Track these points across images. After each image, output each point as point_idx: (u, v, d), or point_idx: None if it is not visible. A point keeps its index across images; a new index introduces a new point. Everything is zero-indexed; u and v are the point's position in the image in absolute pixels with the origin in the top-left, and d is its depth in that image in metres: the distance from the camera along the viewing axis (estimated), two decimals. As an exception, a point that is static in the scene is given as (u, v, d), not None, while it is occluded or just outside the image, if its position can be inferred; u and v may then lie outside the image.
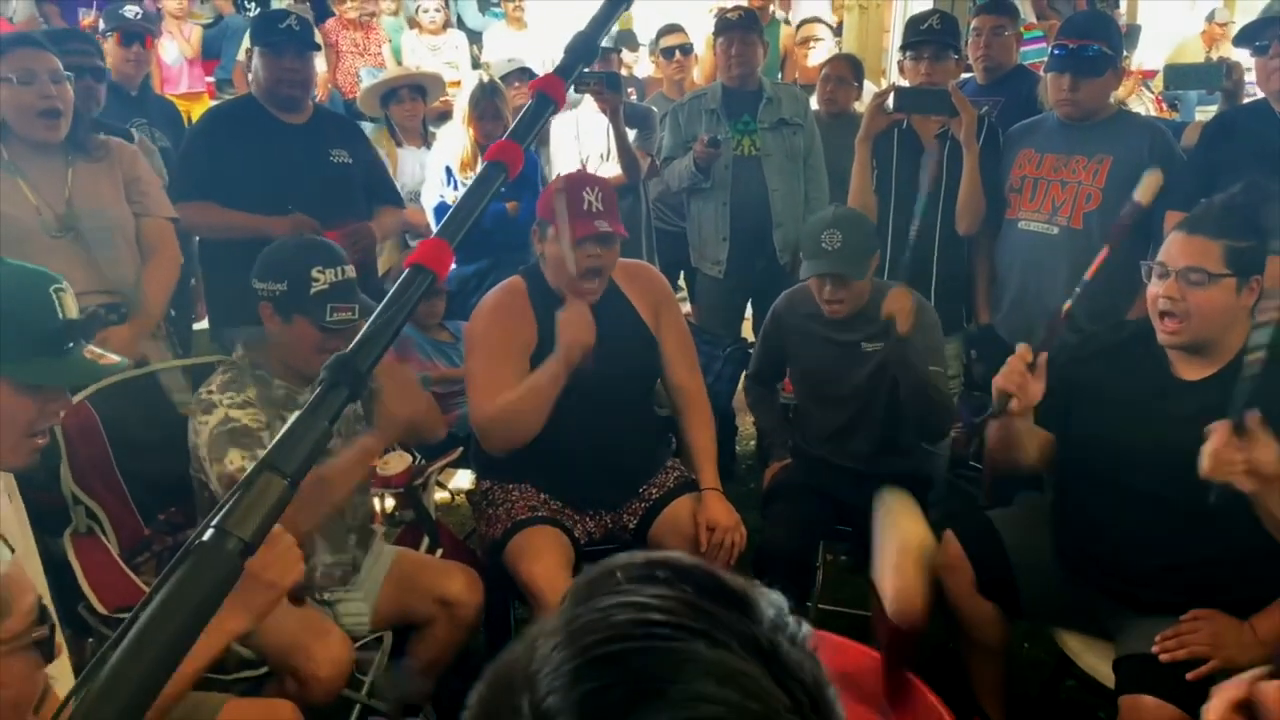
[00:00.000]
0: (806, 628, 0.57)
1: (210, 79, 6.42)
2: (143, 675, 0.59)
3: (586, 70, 3.74)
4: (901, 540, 2.23)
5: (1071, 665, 2.20)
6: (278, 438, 0.70)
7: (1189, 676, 1.84)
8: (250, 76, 3.16)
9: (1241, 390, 1.69)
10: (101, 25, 3.81)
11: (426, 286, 0.79)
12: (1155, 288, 1.96)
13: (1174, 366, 2.02)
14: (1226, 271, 1.88)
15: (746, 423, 4.02)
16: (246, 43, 4.30)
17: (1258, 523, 1.78)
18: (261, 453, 0.68)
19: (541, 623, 0.57)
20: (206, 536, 0.65)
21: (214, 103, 5.77)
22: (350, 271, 2.09)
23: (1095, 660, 2.12)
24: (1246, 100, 3.21)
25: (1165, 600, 1.97)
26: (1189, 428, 1.94)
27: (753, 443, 4.02)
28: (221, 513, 0.66)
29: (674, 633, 0.53)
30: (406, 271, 0.79)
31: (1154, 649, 1.91)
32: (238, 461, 1.96)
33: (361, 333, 0.75)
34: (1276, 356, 1.89)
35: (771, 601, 0.57)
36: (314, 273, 2.02)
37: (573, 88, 3.65)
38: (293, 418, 0.71)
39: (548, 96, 0.91)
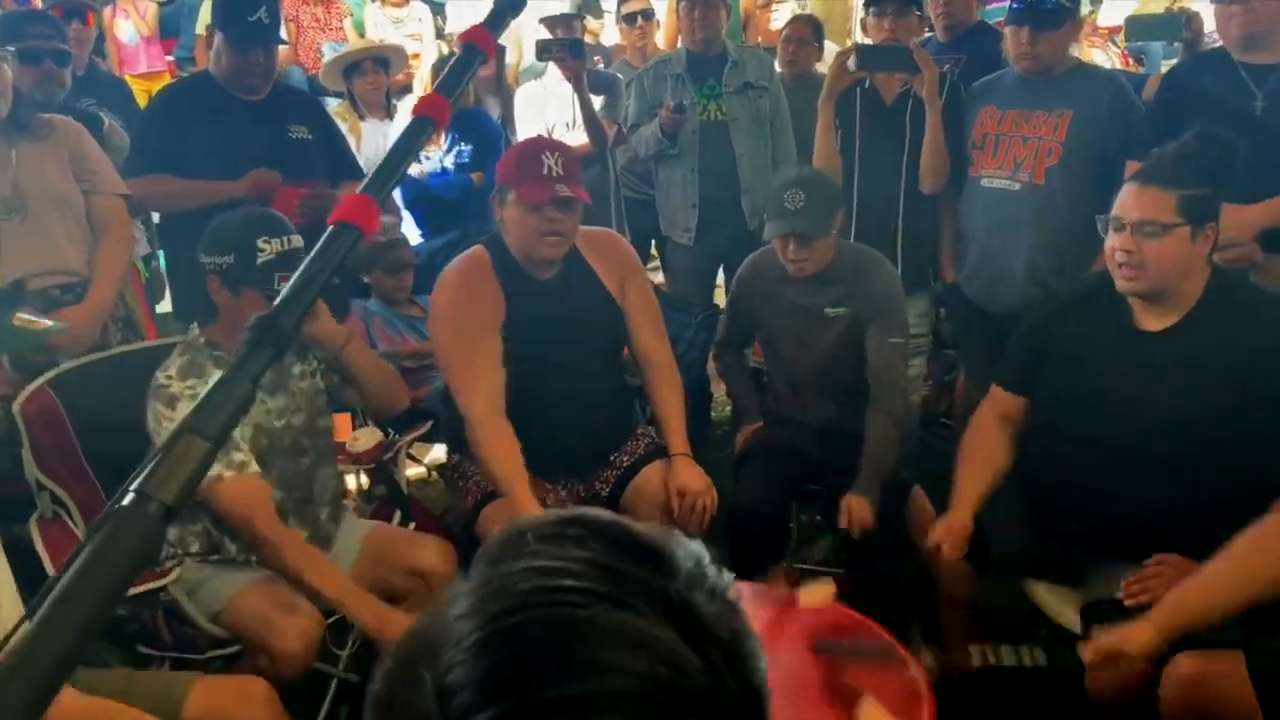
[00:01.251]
0: (727, 577, 0.56)
1: (170, 57, 6.31)
2: (57, 646, 0.57)
3: (550, 38, 3.73)
4: None
5: (1041, 614, 2.22)
6: (200, 398, 0.69)
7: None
8: (211, 55, 3.09)
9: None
10: (40, 3, 3.73)
11: (353, 243, 0.77)
12: (1112, 240, 1.97)
13: (1136, 318, 2.03)
14: (1180, 221, 1.88)
15: (721, 389, 4.02)
16: (206, 18, 4.22)
17: (1218, 471, 1.80)
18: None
19: (455, 586, 0.55)
20: (126, 501, 0.64)
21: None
22: (297, 241, 2.07)
23: (1063, 608, 2.14)
24: (1205, 49, 3.21)
25: (1130, 547, 1.99)
26: (1151, 377, 1.96)
27: (727, 409, 4.01)
28: (141, 476, 0.65)
29: (580, 599, 0.52)
30: (332, 228, 0.78)
31: (1119, 594, 1.93)
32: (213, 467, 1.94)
33: (285, 290, 0.74)
34: (1227, 305, 1.92)
35: (689, 553, 0.56)
36: (260, 243, 2.00)
37: (537, 56, 3.65)
38: (214, 378, 0.70)
39: (475, 48, 0.89)
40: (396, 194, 3.58)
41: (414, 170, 3.68)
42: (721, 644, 0.53)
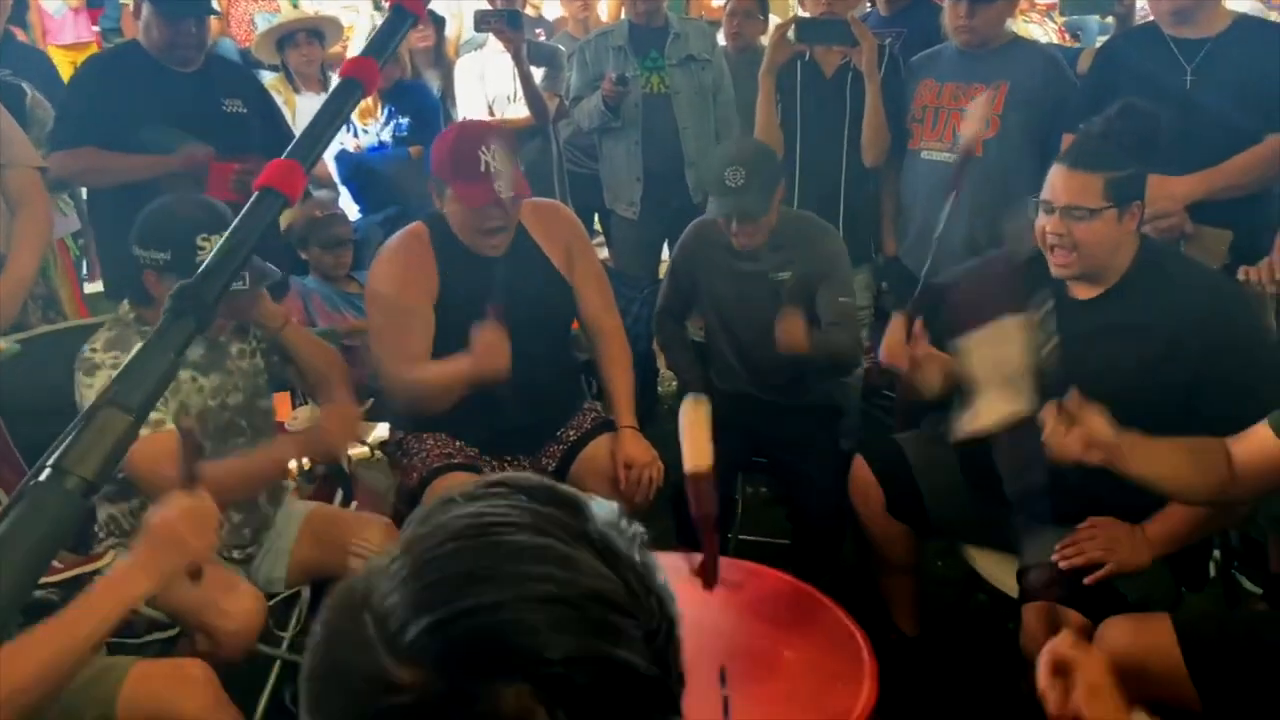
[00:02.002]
0: (637, 527, 0.60)
1: (97, 28, 6.10)
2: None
3: (488, 9, 3.67)
4: None
5: (980, 580, 2.27)
6: (120, 370, 0.66)
7: (1086, 581, 1.92)
8: (140, 26, 2.99)
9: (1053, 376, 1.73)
10: None
11: (278, 210, 0.75)
12: (1042, 221, 2.00)
13: (1068, 288, 2.07)
14: (1107, 204, 1.92)
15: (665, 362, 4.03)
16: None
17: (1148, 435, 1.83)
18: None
19: (386, 548, 0.59)
20: (43, 476, 0.62)
21: (99, 52, 5.49)
22: None
23: (1001, 573, 2.18)
24: (1138, 24, 3.28)
25: (1065, 511, 2.03)
26: (1080, 344, 2.00)
27: (674, 383, 4.03)
28: (59, 450, 0.63)
29: (504, 529, 0.56)
30: (256, 194, 0.76)
31: (1054, 557, 1.98)
32: None
33: (208, 259, 0.72)
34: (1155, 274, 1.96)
35: (604, 506, 0.60)
36: (199, 240, 1.91)
37: (474, 27, 3.59)
38: (136, 349, 0.67)
39: (404, 9, 0.87)
40: (333, 168, 3.51)
41: (351, 144, 3.60)
42: (636, 569, 0.58)
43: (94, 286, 3.37)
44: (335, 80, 3.09)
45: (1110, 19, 3.96)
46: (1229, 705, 1.65)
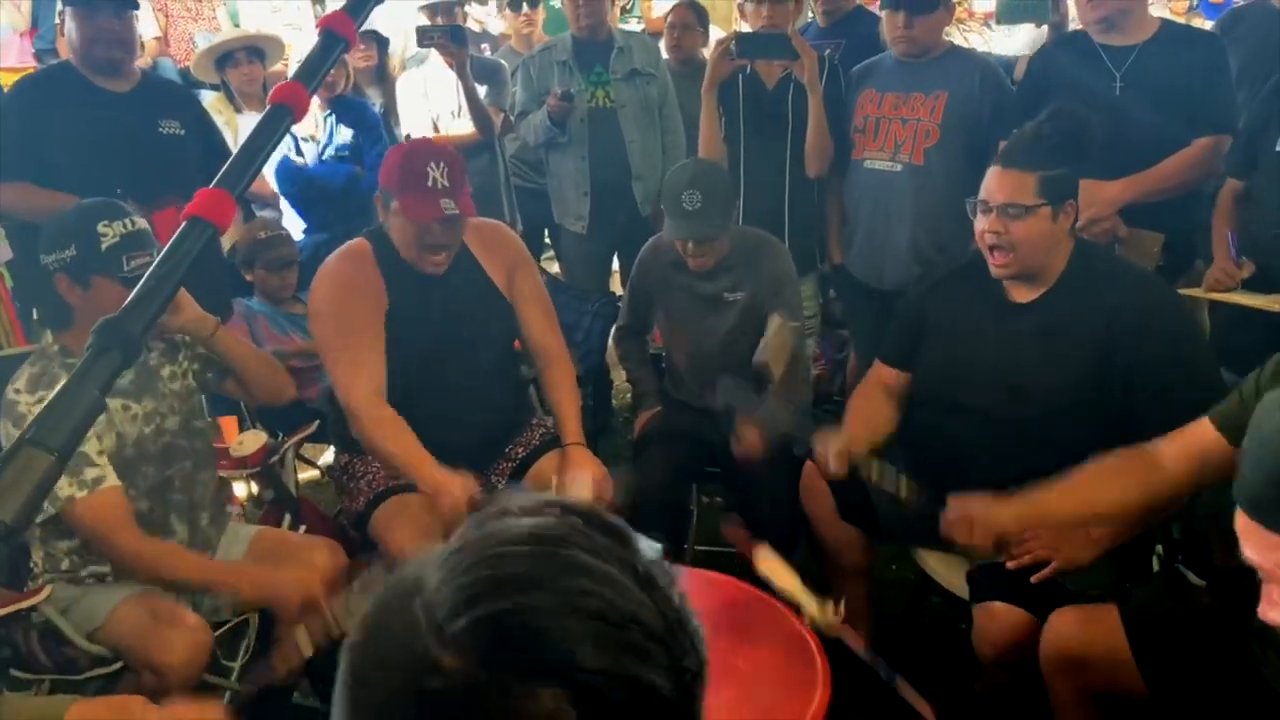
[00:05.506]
0: (677, 570, 0.63)
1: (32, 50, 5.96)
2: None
3: (430, 24, 3.66)
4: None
5: (933, 582, 2.30)
6: (42, 408, 0.65)
7: (1033, 580, 1.95)
8: (66, 39, 2.92)
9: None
10: None
11: (207, 239, 0.74)
12: (980, 223, 2.05)
13: (1007, 292, 2.12)
14: (1041, 201, 1.97)
15: (620, 376, 4.03)
16: (60, 4, 3.98)
17: (1087, 436, 1.87)
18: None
19: (430, 549, 0.61)
20: (-40, 519, 0.60)
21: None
22: (141, 223, 1.99)
23: (952, 575, 2.21)
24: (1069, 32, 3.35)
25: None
26: (1020, 347, 2.05)
27: (628, 396, 4.03)
28: (-23, 493, 0.61)
29: (559, 543, 0.59)
30: (184, 224, 0.74)
31: (1002, 559, 2.01)
32: (64, 488, 1.86)
33: (135, 291, 0.71)
34: (1089, 275, 2.01)
35: (649, 544, 0.63)
36: (100, 228, 1.93)
37: (417, 42, 3.57)
38: (58, 387, 0.66)
39: (336, 34, 0.87)
40: (275, 186, 3.47)
41: (295, 161, 3.57)
42: (674, 606, 0.60)
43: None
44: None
45: (1045, 27, 4.06)
46: (1175, 692, 1.69)
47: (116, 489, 1.91)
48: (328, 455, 3.43)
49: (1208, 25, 4.56)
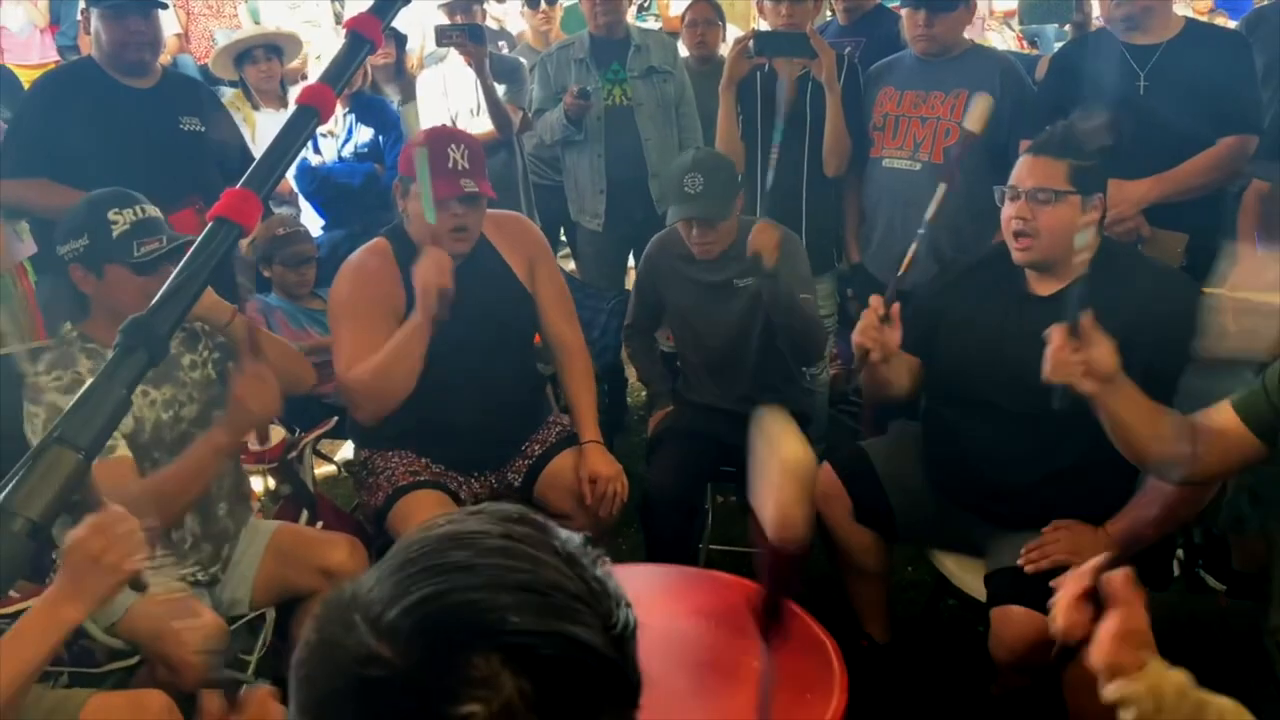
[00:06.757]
0: (600, 552, 0.66)
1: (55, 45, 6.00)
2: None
3: (449, 23, 3.66)
4: (780, 460, 2.24)
5: (950, 585, 2.28)
6: (69, 407, 0.65)
7: (1053, 584, 1.93)
8: (91, 38, 2.93)
9: (1075, 293, 1.74)
10: None
11: (233, 240, 0.74)
12: (1008, 209, 2.04)
13: (1028, 284, 2.10)
14: (1071, 189, 1.96)
15: (636, 374, 4.03)
16: (82, 1, 4.01)
17: (1097, 432, 1.86)
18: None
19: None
20: (-10, 517, 0.60)
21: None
22: (152, 210, 2.00)
23: (970, 578, 2.20)
24: (1093, 31, 3.32)
25: (1027, 514, 2.05)
26: (1039, 342, 2.02)
27: (643, 394, 4.03)
28: (6, 490, 0.62)
29: (480, 535, 0.62)
30: (210, 224, 0.75)
31: (1019, 561, 2.00)
32: None
33: (161, 291, 0.71)
34: (1112, 270, 1.99)
35: (569, 534, 0.66)
36: (111, 215, 1.94)
37: (436, 41, 3.57)
38: (85, 385, 0.66)
39: (362, 36, 0.87)
40: (295, 184, 3.48)
41: (313, 159, 3.58)
42: (596, 577, 0.63)
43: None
44: (293, 100, 3.06)
45: (1068, 27, 4.03)
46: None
47: (129, 459, 1.91)
48: (344, 451, 3.45)
49: (1231, 25, 4.52)
